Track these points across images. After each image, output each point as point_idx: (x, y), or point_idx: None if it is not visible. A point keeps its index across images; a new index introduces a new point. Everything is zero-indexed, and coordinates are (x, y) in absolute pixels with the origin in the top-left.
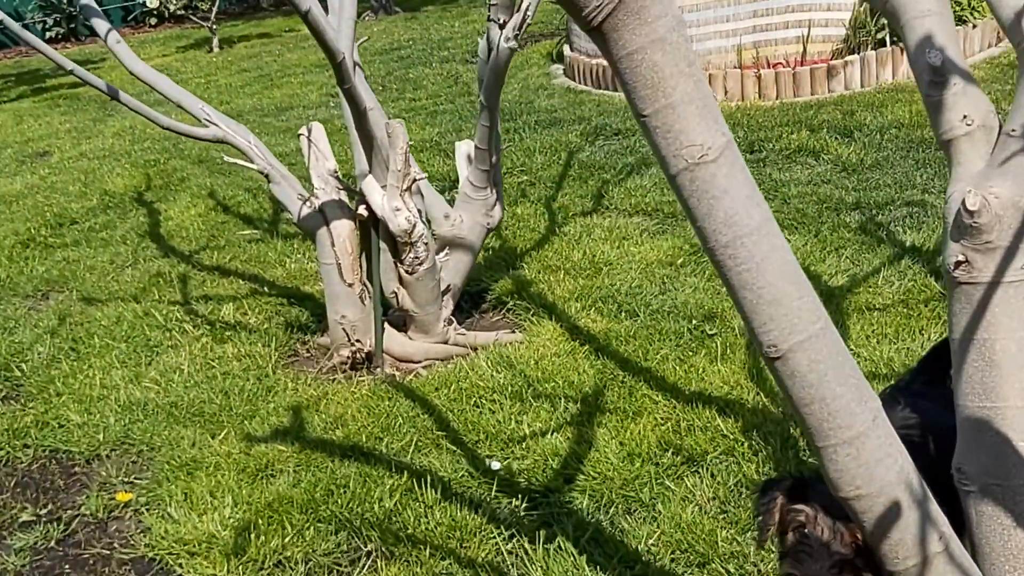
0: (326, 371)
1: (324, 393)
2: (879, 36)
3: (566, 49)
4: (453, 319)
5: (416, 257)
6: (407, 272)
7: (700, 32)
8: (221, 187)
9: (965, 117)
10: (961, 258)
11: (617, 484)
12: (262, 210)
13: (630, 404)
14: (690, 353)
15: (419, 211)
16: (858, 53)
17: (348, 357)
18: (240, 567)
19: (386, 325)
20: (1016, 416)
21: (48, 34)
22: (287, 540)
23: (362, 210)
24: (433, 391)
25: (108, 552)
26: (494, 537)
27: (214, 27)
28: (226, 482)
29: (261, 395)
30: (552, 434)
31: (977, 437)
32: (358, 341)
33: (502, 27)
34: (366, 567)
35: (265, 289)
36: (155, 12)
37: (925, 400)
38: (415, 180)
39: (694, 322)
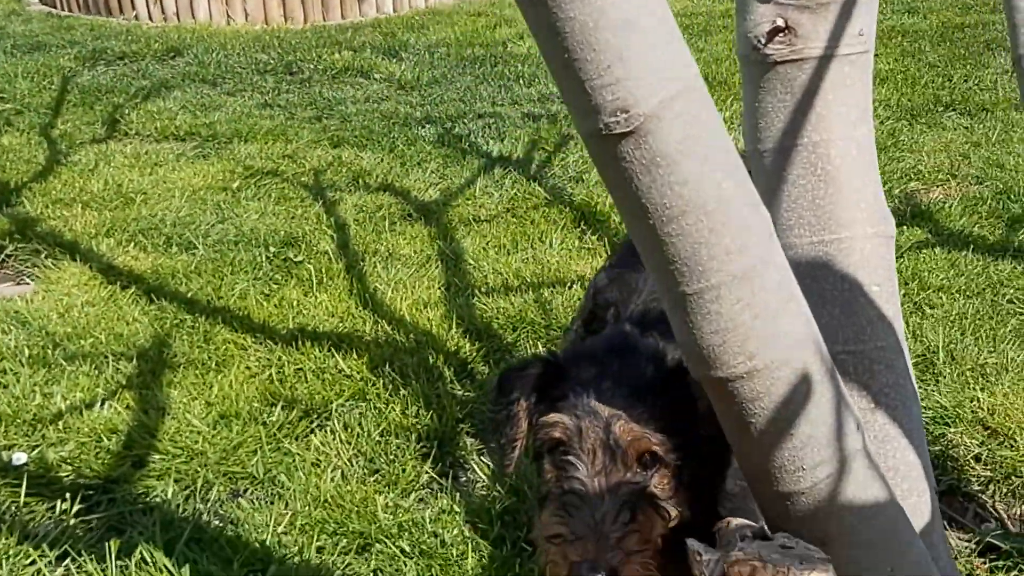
0: None
1: None
2: None
3: None
4: None
5: None
6: None
7: None
8: None
9: None
10: (779, 23)
11: (213, 459)
12: None
13: (209, 353)
14: (276, 285)
15: None
16: None
17: None
18: None
19: None
20: (866, 249)
21: None
22: None
23: None
24: None
25: None
26: (33, 562)
27: None
28: None
29: None
30: (103, 405)
31: (814, 287)
32: None
33: None
34: None
35: None
36: None
37: None
38: None
39: (272, 249)
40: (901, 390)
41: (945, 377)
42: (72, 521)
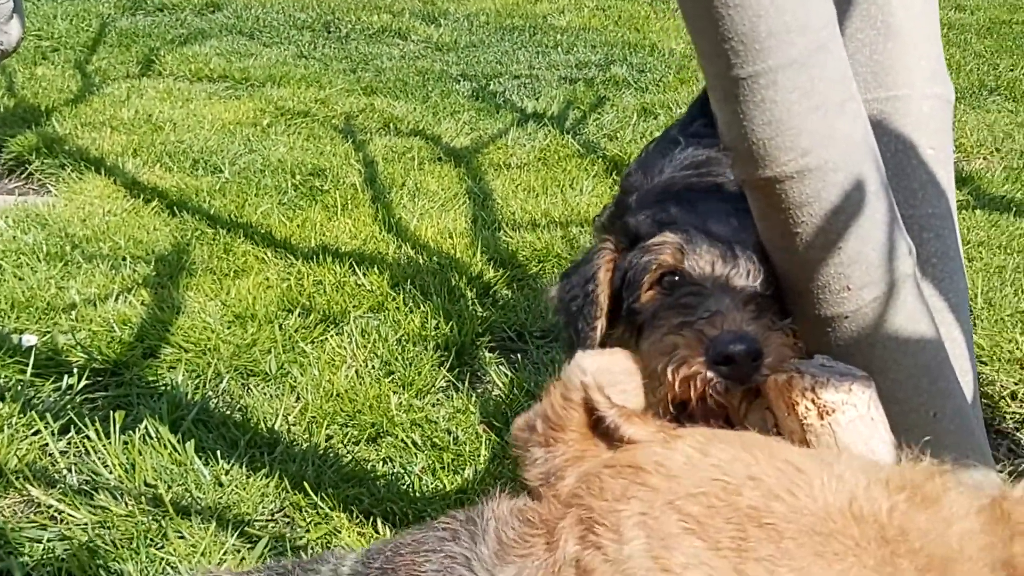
0: None
1: None
2: None
3: None
4: None
5: None
6: None
7: None
8: None
9: None
10: None
11: (226, 354)
12: None
13: (228, 263)
14: (301, 209)
15: None
16: None
17: None
18: None
19: None
20: (924, 108)
21: None
22: None
23: None
24: None
25: None
26: (37, 432)
27: None
28: None
29: None
30: (117, 299)
31: None
32: None
33: None
34: None
35: None
36: None
37: (710, 140)
38: None
39: (299, 177)
40: (949, 261)
41: (983, 320)
42: (78, 399)
